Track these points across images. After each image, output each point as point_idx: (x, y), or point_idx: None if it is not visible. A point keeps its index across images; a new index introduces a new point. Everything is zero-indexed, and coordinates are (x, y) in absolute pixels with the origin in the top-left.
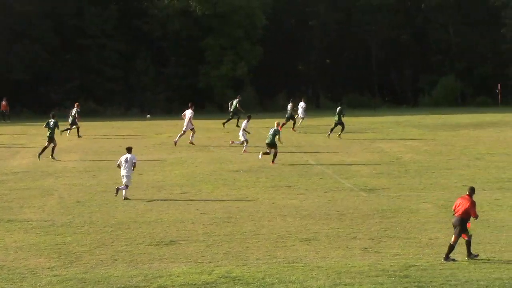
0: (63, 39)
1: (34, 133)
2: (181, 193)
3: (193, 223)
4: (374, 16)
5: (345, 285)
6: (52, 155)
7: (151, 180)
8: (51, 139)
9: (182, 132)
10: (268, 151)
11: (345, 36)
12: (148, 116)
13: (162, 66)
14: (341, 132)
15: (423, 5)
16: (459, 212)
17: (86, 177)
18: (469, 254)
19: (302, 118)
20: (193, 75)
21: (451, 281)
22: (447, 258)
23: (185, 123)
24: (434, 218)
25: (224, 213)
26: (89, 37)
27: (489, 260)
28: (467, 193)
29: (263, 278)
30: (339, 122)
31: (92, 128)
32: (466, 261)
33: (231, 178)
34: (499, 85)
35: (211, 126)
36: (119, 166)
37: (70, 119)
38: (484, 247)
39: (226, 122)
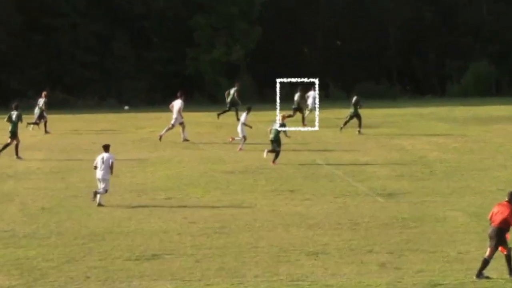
0: (27, 18)
1: None
2: (166, 199)
3: (179, 234)
4: None
5: None
6: (16, 154)
7: (129, 183)
8: (14, 134)
9: (170, 125)
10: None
11: (357, 15)
12: (127, 107)
13: (144, 50)
14: (360, 127)
15: None
16: (497, 222)
17: (53, 179)
18: (511, 270)
19: (310, 110)
20: (180, 60)
21: None
22: (480, 275)
23: (174, 116)
24: (464, 228)
25: (216, 222)
26: (58, 15)
27: None
28: (507, 199)
29: None
30: (355, 115)
31: (60, 122)
32: (503, 279)
33: (224, 180)
34: None
35: (201, 120)
36: (95, 167)
37: (36, 111)
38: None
39: (221, 113)
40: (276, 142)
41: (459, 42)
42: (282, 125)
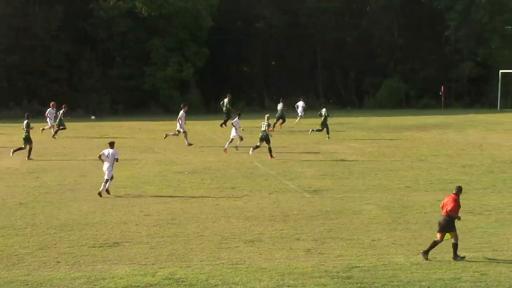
0: (7, 40)
1: None
2: (125, 195)
3: (137, 224)
4: (320, 19)
5: (288, 286)
6: (28, 156)
7: (94, 182)
8: (25, 140)
9: (182, 132)
10: (259, 144)
11: (291, 38)
12: (93, 117)
13: (108, 67)
14: (315, 130)
15: (368, 7)
16: (445, 211)
17: (29, 178)
18: (455, 255)
19: (301, 117)
20: (139, 76)
21: (393, 282)
22: (426, 254)
23: (178, 124)
24: (377, 219)
25: (168, 214)
26: (34, 37)
27: (430, 260)
28: (454, 192)
29: (206, 280)
30: (323, 123)
31: (34, 129)
32: (408, 262)
33: (175, 179)
34: (442, 87)
35: (156, 128)
36: (99, 157)
37: (56, 121)
38: (426, 247)
39: (224, 123)
40: (265, 139)
41: (375, 62)
42: (267, 125)
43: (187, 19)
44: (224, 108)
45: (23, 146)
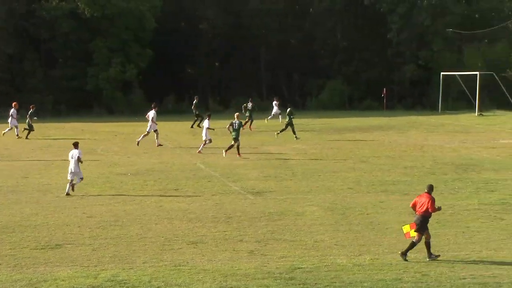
0: None
1: None
2: (68, 196)
3: (79, 226)
4: (263, 20)
5: (231, 287)
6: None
7: (37, 183)
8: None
9: (146, 132)
10: (234, 143)
11: (234, 40)
12: (35, 118)
13: (50, 68)
14: (281, 132)
15: (311, 9)
16: (420, 211)
17: None
18: (429, 254)
19: (278, 114)
20: (82, 77)
21: (335, 282)
22: (404, 255)
23: (149, 124)
24: (319, 220)
25: (111, 216)
26: None
27: (373, 261)
28: (426, 190)
29: (149, 281)
30: (289, 123)
31: None
32: (350, 263)
33: (118, 181)
34: (384, 89)
35: (99, 129)
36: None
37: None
38: (368, 248)
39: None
40: (237, 137)
41: (319, 63)
42: (240, 124)
43: (130, 20)
44: (194, 111)
45: None
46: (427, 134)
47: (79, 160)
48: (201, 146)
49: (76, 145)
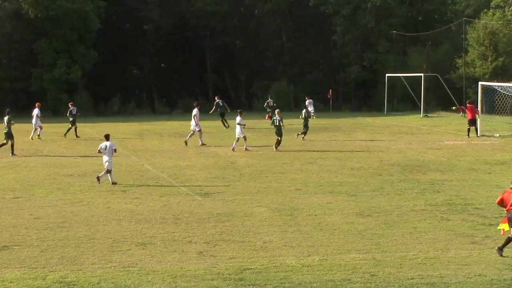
0: None
1: None
2: (14, 198)
3: (26, 228)
4: (208, 21)
5: None
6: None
7: None
8: (7, 135)
9: (191, 132)
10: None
11: (180, 41)
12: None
13: None
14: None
15: (256, 11)
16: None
17: None
18: (501, 249)
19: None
20: (26, 78)
21: (285, 283)
22: (500, 250)
23: (193, 123)
24: (268, 221)
25: (59, 217)
26: None
27: (321, 262)
28: (511, 186)
29: (98, 283)
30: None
31: None
32: (299, 264)
33: (65, 182)
34: (330, 91)
35: (44, 130)
36: (99, 151)
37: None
38: (316, 249)
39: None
40: (279, 132)
41: (264, 65)
42: (280, 120)
43: (74, 20)
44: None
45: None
46: (373, 136)
47: (115, 151)
48: (234, 143)
49: (107, 137)
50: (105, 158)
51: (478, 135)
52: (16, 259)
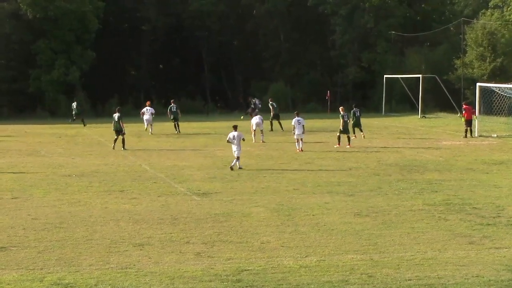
0: None
1: None
2: (12, 198)
3: (24, 228)
4: (205, 22)
5: None
6: None
7: None
8: None
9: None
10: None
11: (176, 42)
12: None
13: None
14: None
15: (254, 11)
16: None
17: None
18: None
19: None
20: (24, 79)
21: (282, 285)
22: None
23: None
24: (266, 221)
25: (56, 218)
26: None
27: (319, 263)
28: None
29: (96, 285)
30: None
31: None
32: (297, 265)
33: (63, 182)
34: (328, 92)
35: (43, 131)
36: (228, 141)
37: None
38: (314, 250)
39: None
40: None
41: (261, 66)
42: (347, 115)
43: (73, 21)
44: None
45: None
46: (371, 136)
47: (243, 140)
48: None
49: (235, 128)
50: (234, 147)
51: (475, 135)
52: (13, 260)
